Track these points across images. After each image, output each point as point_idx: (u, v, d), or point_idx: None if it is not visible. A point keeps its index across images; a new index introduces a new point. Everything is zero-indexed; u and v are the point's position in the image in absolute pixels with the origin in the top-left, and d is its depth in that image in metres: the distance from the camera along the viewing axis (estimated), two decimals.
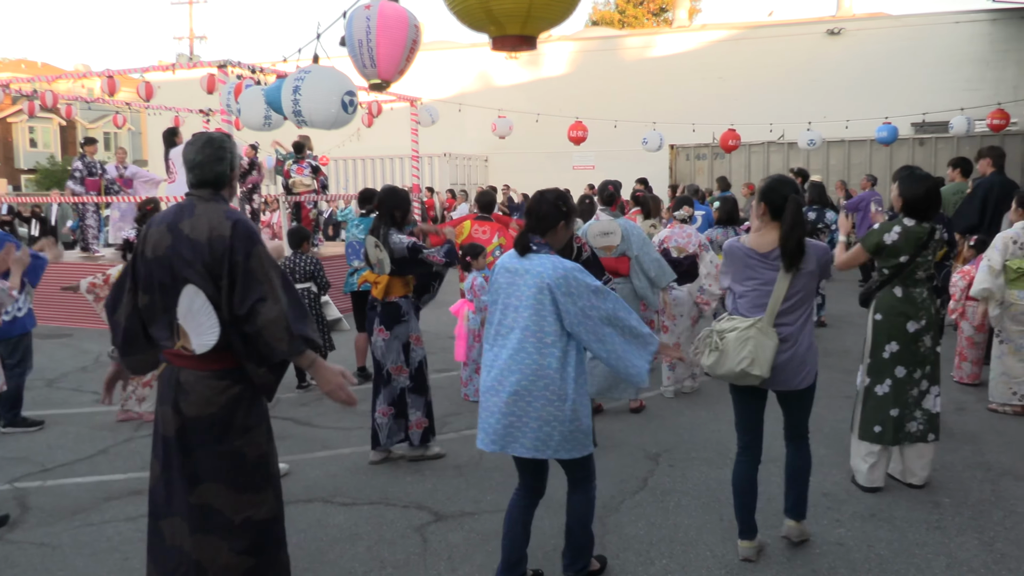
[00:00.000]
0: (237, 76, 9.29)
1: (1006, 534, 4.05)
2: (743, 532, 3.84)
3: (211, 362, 2.84)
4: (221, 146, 2.98)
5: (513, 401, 3.17)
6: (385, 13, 5.05)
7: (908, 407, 4.50)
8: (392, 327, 5.08)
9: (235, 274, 2.77)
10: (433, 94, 18.98)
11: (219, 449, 2.87)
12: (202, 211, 2.87)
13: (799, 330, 3.62)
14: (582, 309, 3.10)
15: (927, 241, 4.34)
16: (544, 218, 3.25)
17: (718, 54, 22.06)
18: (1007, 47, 19.78)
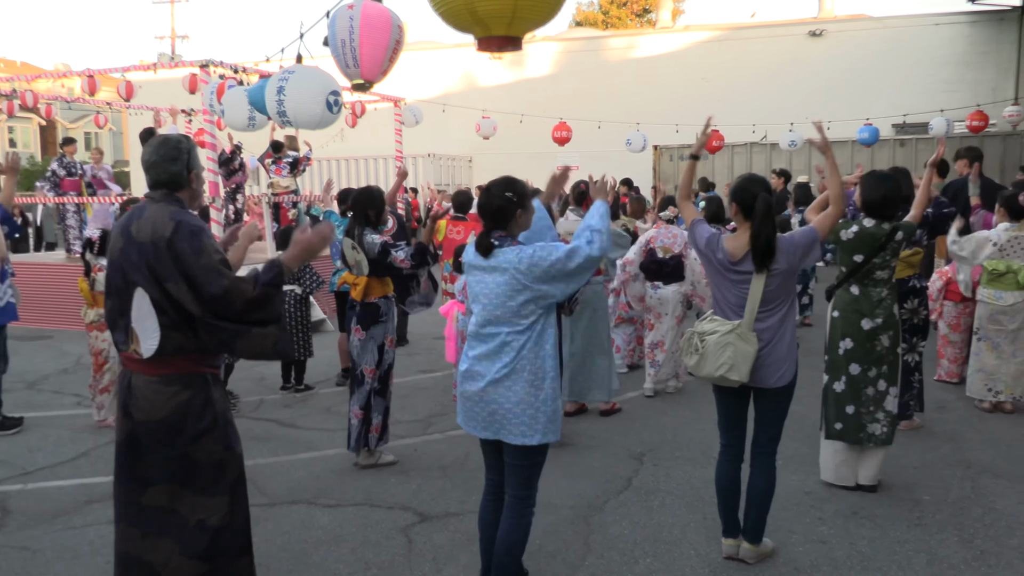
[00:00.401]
0: (220, 76, 9.23)
1: (985, 531, 4.10)
2: (726, 530, 3.86)
3: (159, 367, 2.82)
4: (176, 146, 2.93)
5: (493, 389, 3.14)
6: (368, 13, 5.04)
7: (865, 405, 4.52)
8: (369, 327, 5.04)
9: (190, 274, 2.72)
10: (417, 94, 18.96)
11: (169, 454, 2.83)
12: (150, 213, 2.83)
13: (776, 329, 3.62)
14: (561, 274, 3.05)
15: (885, 242, 4.38)
16: (499, 212, 3.19)
17: (701, 55, 22.17)
18: (986, 49, 20.00)
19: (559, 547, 3.97)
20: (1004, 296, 5.99)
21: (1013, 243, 5.96)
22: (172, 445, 2.83)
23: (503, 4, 3.70)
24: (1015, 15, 19.72)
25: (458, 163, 23.18)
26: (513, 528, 3.26)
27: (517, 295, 3.07)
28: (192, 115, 13.80)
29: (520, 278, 3.04)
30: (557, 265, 3.02)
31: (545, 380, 3.14)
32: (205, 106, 9.28)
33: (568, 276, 3.04)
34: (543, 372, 3.13)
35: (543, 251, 3.05)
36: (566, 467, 5.06)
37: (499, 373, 3.12)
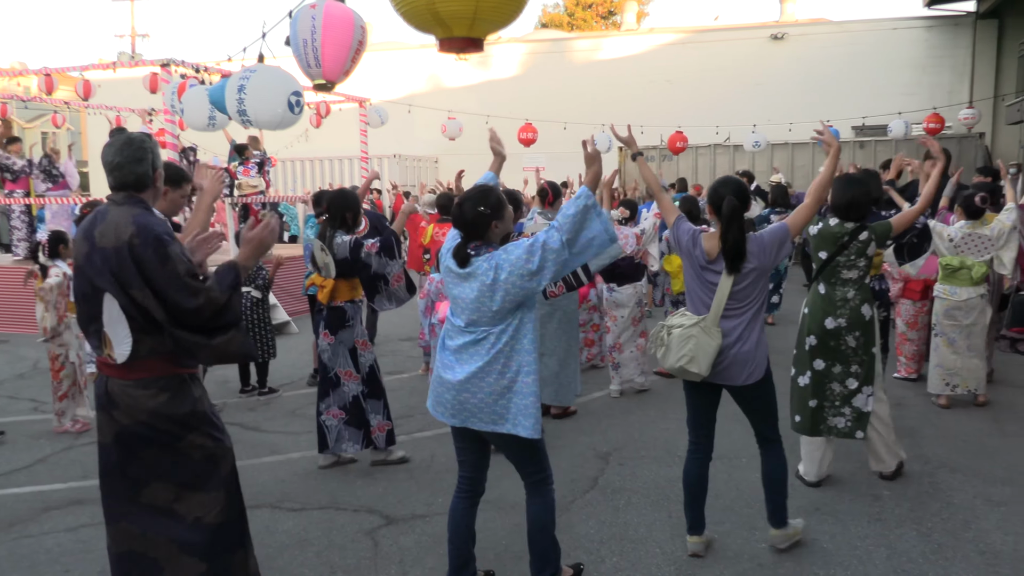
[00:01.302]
0: (181, 75, 9.11)
1: (943, 525, 4.18)
2: (691, 528, 3.90)
3: (135, 371, 2.78)
4: (141, 146, 2.86)
5: (468, 380, 3.19)
6: (331, 13, 5.01)
7: (828, 400, 4.63)
8: (337, 331, 5.01)
9: (156, 283, 2.68)
10: (382, 95, 18.85)
11: (157, 454, 2.81)
12: (112, 217, 2.76)
13: (744, 327, 3.65)
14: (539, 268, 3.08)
15: (847, 241, 4.48)
16: (474, 225, 3.22)
17: (665, 57, 22.35)
18: (942, 54, 20.42)
19: (525, 548, 3.95)
20: (958, 292, 6.13)
21: (968, 240, 6.10)
22: (159, 445, 2.80)
23: (465, 5, 3.69)
24: (969, 21, 20.17)
25: (424, 164, 23.10)
26: (540, 509, 3.36)
27: (494, 299, 3.12)
28: (153, 115, 13.58)
29: (493, 284, 3.10)
30: (519, 265, 3.07)
31: (519, 373, 3.18)
32: (166, 106, 9.14)
33: (535, 273, 3.08)
34: (517, 365, 3.17)
35: (506, 253, 3.12)
36: None
37: (474, 365, 3.18)
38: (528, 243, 3.10)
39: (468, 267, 3.18)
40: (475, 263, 3.17)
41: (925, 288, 6.78)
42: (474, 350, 3.20)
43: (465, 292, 3.20)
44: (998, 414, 6.07)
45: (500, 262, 3.11)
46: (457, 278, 3.23)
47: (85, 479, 4.99)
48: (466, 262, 3.19)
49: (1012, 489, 4.63)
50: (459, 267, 3.20)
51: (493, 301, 3.12)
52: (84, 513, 4.47)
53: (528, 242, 3.11)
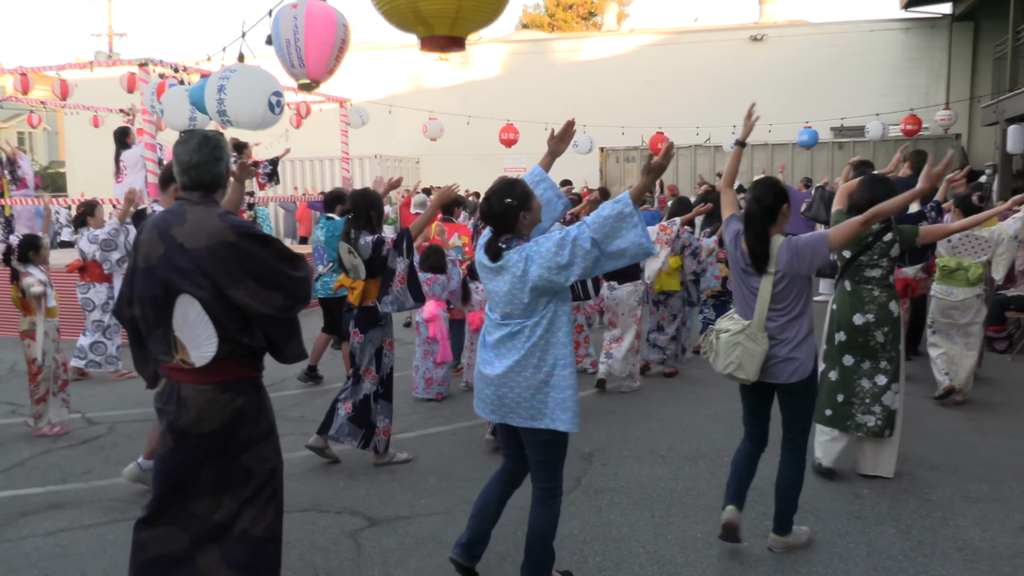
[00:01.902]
0: (159, 75, 9.04)
1: (921, 522, 4.22)
2: (731, 498, 3.90)
3: (213, 374, 2.74)
4: (218, 145, 2.86)
5: (505, 375, 3.25)
6: (313, 12, 4.99)
7: (857, 396, 4.72)
8: (367, 330, 5.04)
9: (265, 269, 2.72)
10: (363, 95, 18.78)
11: (224, 464, 2.78)
12: (195, 218, 2.73)
13: (786, 328, 3.71)
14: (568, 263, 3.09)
15: (872, 242, 4.60)
16: (503, 217, 3.25)
17: (646, 58, 22.44)
18: (919, 55, 20.65)
19: (508, 548, 3.97)
20: (955, 292, 6.26)
21: (965, 241, 6.23)
22: (226, 455, 2.77)
23: (446, 4, 3.69)
24: (945, 23, 20.42)
25: (405, 164, 23.04)
26: (542, 518, 3.37)
27: (525, 291, 3.17)
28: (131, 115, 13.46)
29: (523, 276, 3.15)
30: (548, 257, 3.10)
31: (555, 367, 3.22)
32: (145, 106, 9.06)
33: (564, 267, 3.09)
34: (553, 359, 3.22)
35: (537, 246, 3.15)
36: None
37: (511, 358, 3.23)
38: (559, 236, 3.12)
39: (499, 260, 3.22)
40: (506, 256, 3.20)
41: (905, 287, 6.86)
42: (511, 344, 3.25)
43: (498, 286, 3.25)
44: (976, 413, 6.14)
45: (530, 254, 3.15)
46: (490, 272, 3.28)
47: (64, 483, 4.94)
48: (498, 256, 3.22)
49: (989, 486, 4.69)
50: (491, 261, 3.25)
51: (524, 293, 3.17)
52: (63, 517, 4.42)
53: (559, 236, 3.13)
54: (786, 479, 3.88)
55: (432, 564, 3.83)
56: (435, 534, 4.14)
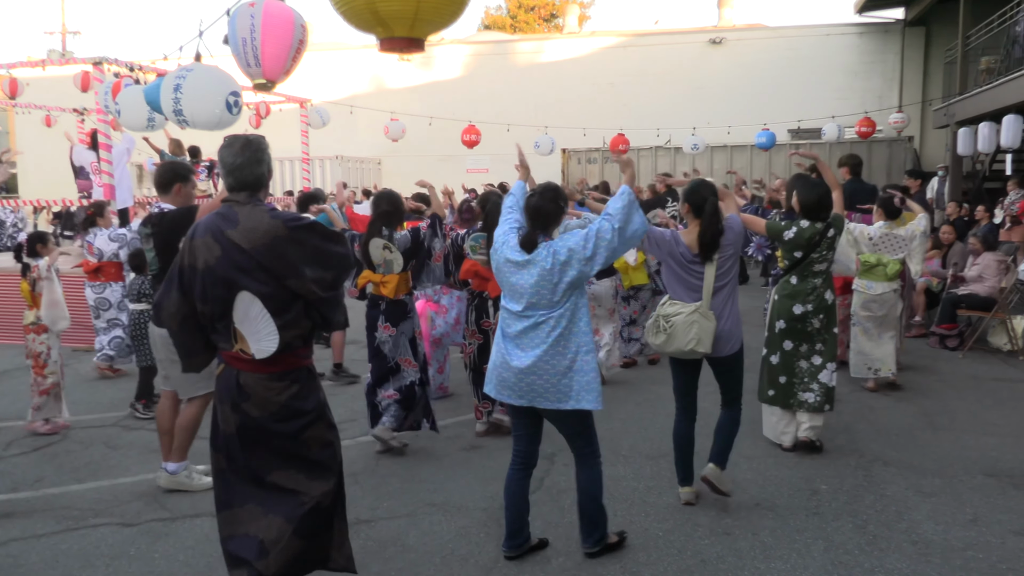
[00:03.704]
0: (114, 74, 8.88)
1: (877, 516, 4.31)
2: (683, 480, 4.47)
3: (270, 365, 2.95)
4: (259, 147, 3.03)
5: (534, 365, 3.51)
6: (270, 12, 4.94)
7: (797, 376, 5.18)
8: (399, 323, 5.29)
9: (320, 252, 2.93)
10: (324, 96, 18.61)
11: (284, 442, 2.99)
12: (246, 218, 2.91)
13: (724, 307, 4.24)
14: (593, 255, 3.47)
15: (819, 240, 4.96)
16: (551, 216, 3.62)
17: (607, 60, 22.56)
18: (873, 59, 21.05)
19: (472, 550, 3.96)
20: (874, 286, 6.66)
21: (885, 239, 6.61)
22: (287, 435, 2.99)
23: (405, 5, 3.68)
24: (898, 28, 20.83)
25: (367, 165, 22.89)
26: (588, 479, 3.77)
27: (550, 284, 3.48)
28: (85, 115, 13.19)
29: (552, 269, 3.46)
30: (576, 251, 3.46)
31: (578, 353, 3.53)
32: (100, 105, 8.89)
33: (589, 259, 3.47)
34: (576, 346, 3.53)
35: (563, 241, 3.51)
36: (478, 470, 5.06)
37: (537, 350, 3.51)
38: (583, 232, 3.49)
39: (531, 254, 3.51)
40: (536, 251, 3.51)
41: (845, 284, 7.07)
42: (534, 334, 3.53)
43: (523, 279, 3.52)
44: (927, 408, 6.28)
45: (558, 249, 3.48)
46: (515, 267, 3.55)
47: (15, 491, 4.82)
48: (533, 248, 3.52)
49: (942, 480, 4.80)
50: (526, 254, 3.52)
51: (554, 285, 3.47)
52: (14, 527, 4.31)
53: (584, 232, 3.50)
54: (727, 423, 4.45)
55: (394, 568, 3.81)
56: (397, 537, 4.11)
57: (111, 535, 4.20)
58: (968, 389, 6.87)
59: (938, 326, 8.52)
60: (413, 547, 4.01)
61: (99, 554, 3.99)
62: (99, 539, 4.14)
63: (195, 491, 4.72)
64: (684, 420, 4.46)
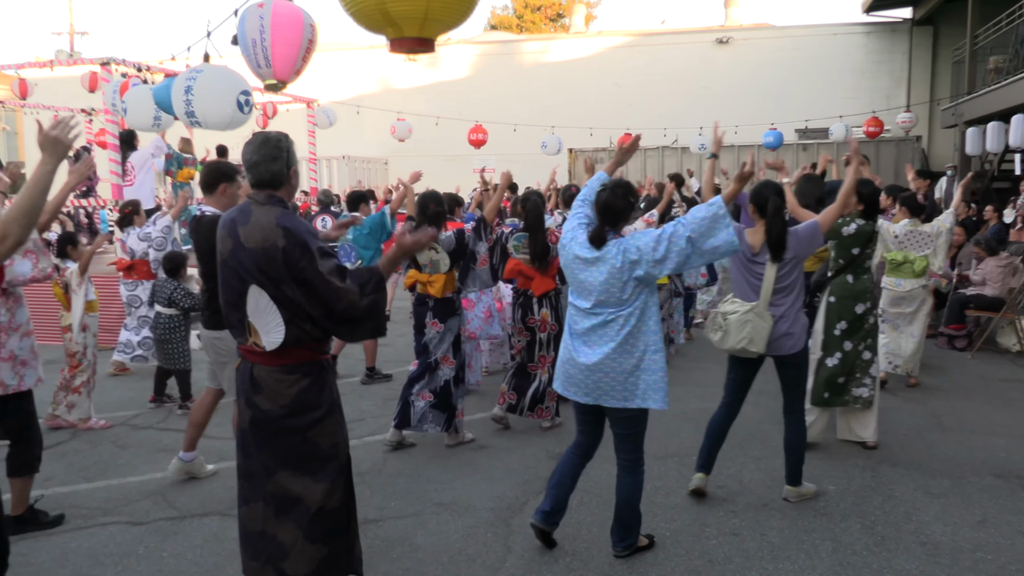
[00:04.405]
0: (122, 74, 8.92)
1: (885, 517, 4.30)
2: (700, 467, 4.54)
3: (280, 358, 2.95)
4: (277, 145, 3.02)
5: (601, 362, 3.53)
6: (279, 12, 4.95)
7: (853, 374, 5.22)
8: (446, 320, 5.37)
9: (307, 281, 2.85)
10: (330, 96, 18.67)
11: (292, 440, 2.98)
12: (256, 218, 2.91)
13: (787, 308, 4.26)
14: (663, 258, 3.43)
15: (872, 236, 5.17)
16: (621, 212, 3.61)
17: (614, 60, 22.56)
18: (880, 59, 21.01)
19: (479, 550, 3.97)
20: (903, 283, 6.68)
21: (910, 236, 6.61)
22: (294, 431, 2.98)
23: (415, 5, 3.68)
24: (906, 27, 20.79)
25: (373, 165, 22.94)
26: (630, 486, 3.77)
27: (620, 282, 3.48)
28: (93, 115, 13.25)
29: (622, 267, 3.47)
30: (647, 251, 3.45)
31: (646, 352, 3.54)
32: (107, 105, 8.93)
33: (660, 261, 3.44)
34: (644, 345, 3.53)
35: (634, 240, 3.50)
36: (485, 470, 5.06)
37: (606, 347, 3.52)
38: (657, 233, 3.47)
39: (600, 251, 3.51)
40: (606, 247, 3.52)
41: None
42: (602, 332, 3.54)
43: (593, 276, 3.53)
44: (936, 409, 6.26)
45: (628, 247, 3.48)
46: (584, 263, 3.56)
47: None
48: (603, 244, 3.52)
49: (950, 481, 4.78)
50: (595, 250, 3.52)
51: (623, 283, 3.48)
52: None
53: (657, 232, 3.47)
54: (792, 437, 4.41)
55: (401, 567, 3.81)
56: (405, 537, 4.12)
57: (120, 534, 4.22)
58: (977, 390, 6.85)
59: (946, 326, 8.50)
60: (421, 546, 4.02)
61: (108, 553, 4.00)
62: (108, 538, 4.16)
63: (202, 477, 4.92)
64: (724, 414, 4.53)
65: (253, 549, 3.05)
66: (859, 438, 5.35)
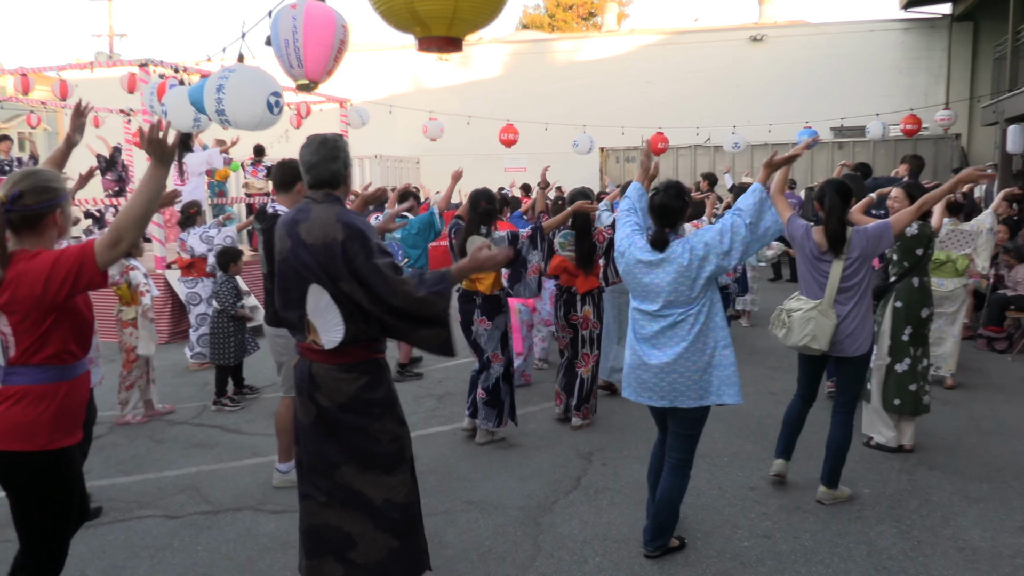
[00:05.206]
0: (159, 75, 9.04)
1: (922, 522, 4.22)
2: (780, 454, 4.66)
3: (338, 356, 2.99)
4: (335, 146, 3.08)
5: (675, 362, 3.56)
6: (312, 13, 4.98)
7: (919, 382, 5.18)
8: (494, 317, 5.45)
9: (362, 275, 2.87)
10: (363, 95, 18.78)
11: (354, 436, 3.02)
12: (316, 215, 2.96)
13: (852, 308, 4.24)
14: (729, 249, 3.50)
15: (931, 238, 5.14)
16: (680, 213, 3.66)
17: (646, 58, 22.42)
18: (918, 55, 20.64)
19: (509, 548, 3.97)
20: (945, 283, 6.57)
21: (951, 235, 6.56)
22: (356, 428, 3.02)
23: (443, 4, 3.68)
24: (945, 23, 20.40)
25: (405, 165, 23.03)
26: (675, 486, 3.78)
27: (689, 280, 3.52)
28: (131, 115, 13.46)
29: (690, 265, 3.50)
30: (714, 246, 3.51)
31: (716, 347, 3.58)
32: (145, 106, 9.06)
33: (726, 253, 3.50)
34: (714, 341, 3.58)
35: (698, 237, 3.55)
36: (515, 468, 5.06)
37: (678, 347, 3.56)
38: (718, 227, 3.54)
39: (665, 252, 3.55)
40: (670, 248, 3.56)
41: None
42: (672, 333, 3.58)
43: (659, 278, 3.56)
44: (975, 412, 6.14)
45: (694, 245, 3.52)
46: (647, 267, 3.59)
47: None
48: (665, 246, 3.56)
49: (989, 486, 4.69)
50: (659, 252, 3.56)
51: (692, 281, 3.51)
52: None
53: (718, 226, 3.55)
54: (838, 439, 4.38)
55: (431, 564, 3.82)
56: (435, 534, 4.13)
57: (155, 527, 4.28)
58: (1017, 392, 6.70)
59: (985, 328, 8.33)
60: (451, 544, 4.03)
61: (144, 545, 4.07)
62: (144, 531, 4.23)
63: None
64: (800, 402, 4.62)
65: (315, 543, 3.08)
66: (899, 443, 5.26)
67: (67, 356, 2.68)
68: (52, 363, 2.64)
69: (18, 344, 2.59)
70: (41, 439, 2.62)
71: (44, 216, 2.68)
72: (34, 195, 2.64)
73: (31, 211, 2.63)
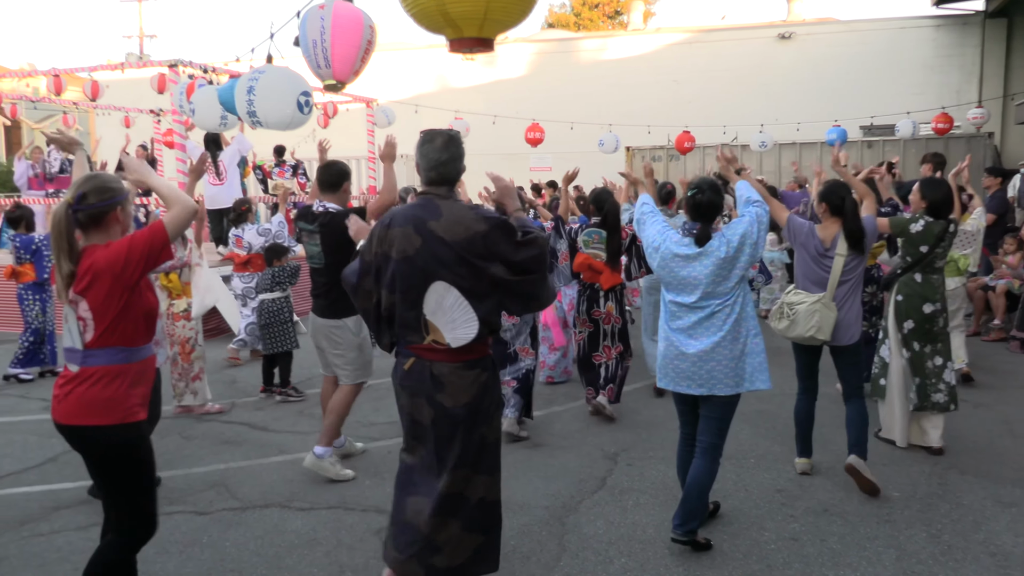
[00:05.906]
0: (189, 76, 9.15)
1: (952, 526, 4.17)
2: (801, 452, 4.84)
3: (463, 354, 3.05)
4: (460, 145, 3.18)
5: (712, 350, 3.71)
6: (339, 13, 5.02)
7: (928, 378, 5.19)
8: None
9: (511, 256, 3.00)
10: (389, 95, 18.87)
11: (470, 436, 3.06)
12: (450, 211, 3.03)
13: (846, 300, 4.50)
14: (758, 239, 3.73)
15: (943, 235, 5.09)
16: (715, 208, 3.86)
17: (672, 57, 22.28)
18: (950, 53, 20.33)
19: (534, 548, 3.97)
20: (948, 282, 6.37)
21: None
22: (473, 427, 3.07)
23: (475, 5, 3.70)
24: (978, 20, 20.07)
25: None
26: (705, 472, 3.86)
27: (726, 271, 3.69)
28: (161, 115, 13.64)
29: (726, 257, 3.67)
30: (749, 238, 3.72)
31: (748, 336, 3.75)
32: (174, 106, 9.18)
33: (756, 244, 3.73)
34: (746, 330, 3.75)
35: (732, 230, 3.73)
36: (540, 468, 5.06)
37: (715, 336, 3.71)
38: (748, 220, 3.76)
39: (703, 246, 3.71)
40: (709, 242, 3.72)
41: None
42: (708, 323, 3.73)
43: (696, 271, 3.72)
44: (1008, 415, 6.04)
45: (730, 237, 3.71)
46: (684, 260, 3.75)
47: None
48: (707, 241, 3.71)
49: (1022, 491, 4.61)
50: (698, 247, 3.71)
51: (729, 272, 3.68)
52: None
53: (747, 219, 3.76)
54: (856, 416, 4.58)
55: None
56: None
57: (184, 523, 4.34)
58: None
59: (1018, 330, 8.19)
60: None
61: (173, 541, 4.12)
62: (173, 527, 4.28)
63: (333, 479, 4.86)
64: (804, 399, 4.79)
65: (404, 540, 3.12)
66: (924, 441, 5.23)
67: (137, 338, 2.93)
68: (124, 344, 2.89)
69: (96, 327, 2.82)
70: (119, 413, 2.86)
71: (107, 213, 2.93)
72: (96, 195, 2.90)
73: (95, 209, 2.89)
